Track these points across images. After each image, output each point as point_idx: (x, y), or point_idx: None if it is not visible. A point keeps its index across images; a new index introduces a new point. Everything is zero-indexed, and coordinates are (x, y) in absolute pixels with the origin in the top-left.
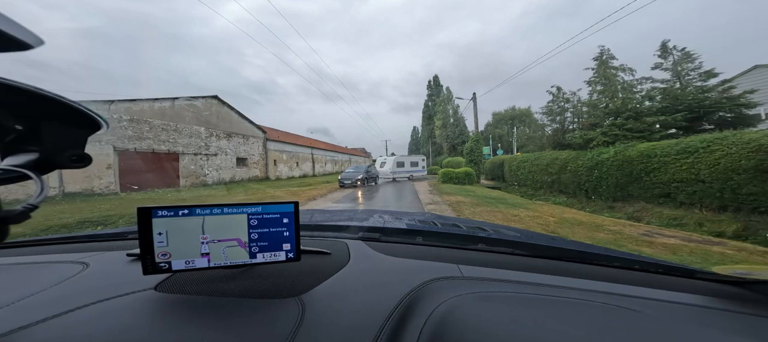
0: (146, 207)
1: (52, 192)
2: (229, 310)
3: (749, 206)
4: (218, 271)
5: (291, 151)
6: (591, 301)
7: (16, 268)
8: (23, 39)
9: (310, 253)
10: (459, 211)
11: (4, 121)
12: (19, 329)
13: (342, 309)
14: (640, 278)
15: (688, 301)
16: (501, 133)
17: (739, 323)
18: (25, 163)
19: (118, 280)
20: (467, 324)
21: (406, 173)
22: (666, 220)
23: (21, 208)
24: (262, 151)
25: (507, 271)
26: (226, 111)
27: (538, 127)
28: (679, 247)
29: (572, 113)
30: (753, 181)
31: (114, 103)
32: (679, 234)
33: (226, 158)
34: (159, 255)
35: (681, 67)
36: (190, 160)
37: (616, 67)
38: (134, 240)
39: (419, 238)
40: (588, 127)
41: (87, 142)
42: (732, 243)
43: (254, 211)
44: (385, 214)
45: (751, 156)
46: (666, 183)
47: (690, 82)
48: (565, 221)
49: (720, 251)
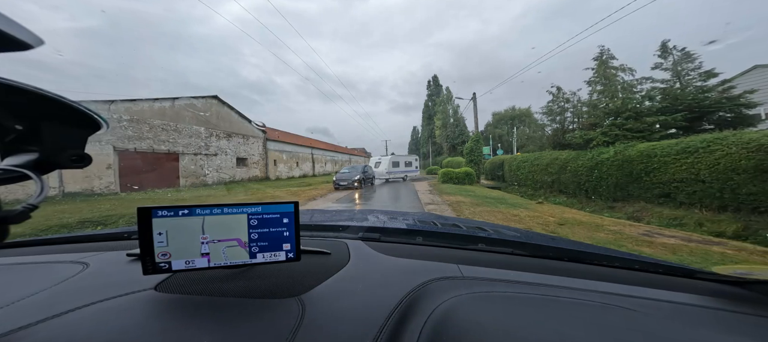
0: (146, 207)
1: (52, 192)
2: (229, 311)
3: (749, 206)
4: (218, 271)
5: (291, 151)
6: (591, 301)
7: (16, 268)
8: (23, 39)
9: (310, 253)
10: (459, 211)
11: (4, 121)
12: (19, 329)
13: (342, 309)
14: (640, 278)
15: (688, 301)
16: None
17: (739, 323)
18: (25, 163)
19: (118, 280)
20: (467, 324)
21: (401, 173)
22: (666, 220)
23: (21, 208)
24: (261, 151)
25: (507, 271)
26: (226, 111)
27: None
28: (679, 247)
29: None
30: (753, 181)
31: (114, 103)
32: (679, 234)
33: (226, 158)
34: (159, 255)
35: (681, 67)
36: (190, 160)
37: (615, 67)
38: (134, 240)
39: (419, 238)
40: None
41: (87, 142)
42: (732, 243)
43: (254, 211)
44: (385, 214)
45: (751, 156)
46: (666, 183)
47: (690, 82)
48: (566, 221)
49: (720, 251)
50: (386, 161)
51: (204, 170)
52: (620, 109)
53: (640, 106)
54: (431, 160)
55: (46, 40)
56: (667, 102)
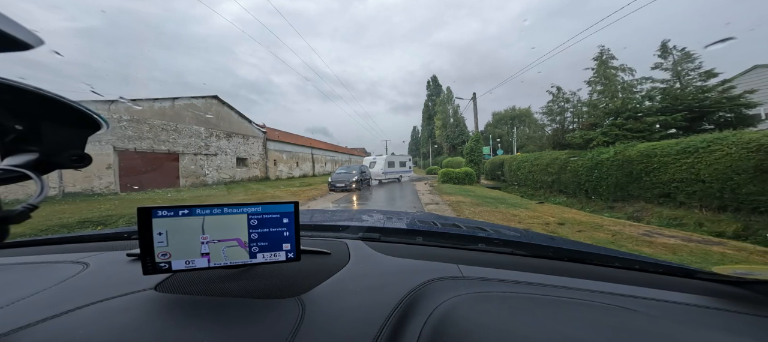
0: (146, 207)
1: (52, 192)
2: (229, 310)
3: (749, 206)
4: (218, 271)
5: (291, 151)
6: (591, 301)
7: (16, 268)
8: (23, 39)
9: (310, 253)
10: (459, 211)
11: (4, 121)
12: (19, 329)
13: (342, 309)
14: (640, 278)
15: (688, 301)
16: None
17: (739, 323)
18: (25, 163)
19: (118, 280)
20: (467, 324)
21: (396, 174)
22: (666, 220)
23: (21, 208)
24: (262, 151)
25: (507, 271)
26: (226, 111)
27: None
28: (679, 247)
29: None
30: (753, 181)
31: (114, 103)
32: (679, 234)
33: (226, 158)
34: (159, 255)
35: (681, 67)
36: (190, 160)
37: (615, 67)
38: (134, 240)
39: (419, 238)
40: (588, 127)
41: (87, 142)
42: (732, 243)
43: (254, 211)
44: (385, 214)
45: (750, 156)
46: (666, 183)
47: (690, 82)
48: (565, 221)
49: (720, 251)
50: (382, 161)
51: (204, 170)
52: (620, 109)
53: (639, 106)
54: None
55: (46, 40)
56: (667, 102)
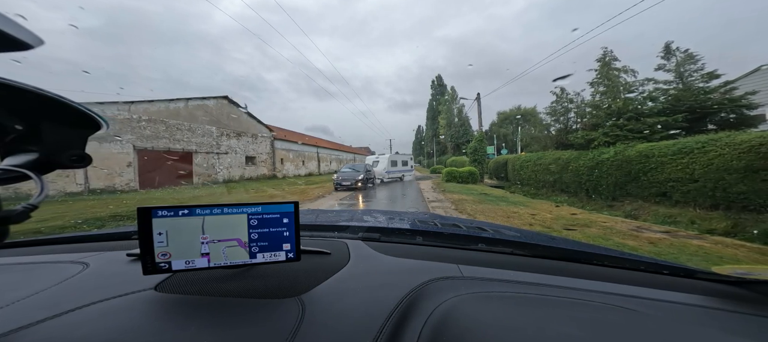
0: (146, 207)
1: (78, 188)
2: (229, 311)
3: (739, 204)
4: (218, 271)
5: (297, 150)
6: (591, 301)
7: (16, 268)
8: (23, 39)
9: (310, 253)
10: (461, 208)
11: (4, 121)
12: (19, 329)
13: (342, 309)
14: (640, 278)
15: (688, 301)
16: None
17: (739, 323)
18: (25, 163)
19: (118, 280)
20: (467, 324)
21: (398, 173)
22: (662, 217)
23: (21, 208)
24: (269, 150)
25: (507, 271)
26: (236, 111)
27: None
28: (659, 240)
29: (576, 113)
30: (743, 181)
31: (134, 104)
32: (668, 230)
33: (236, 157)
34: (159, 255)
35: (684, 68)
36: (203, 158)
37: (618, 69)
38: (134, 240)
39: (419, 238)
40: (590, 128)
41: (87, 141)
42: (713, 238)
43: (254, 211)
44: (385, 213)
45: (742, 156)
46: (663, 182)
47: (692, 83)
48: (561, 217)
49: (698, 244)
50: (385, 160)
51: (216, 168)
52: (622, 110)
53: (641, 107)
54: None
55: (46, 40)
56: (668, 103)
